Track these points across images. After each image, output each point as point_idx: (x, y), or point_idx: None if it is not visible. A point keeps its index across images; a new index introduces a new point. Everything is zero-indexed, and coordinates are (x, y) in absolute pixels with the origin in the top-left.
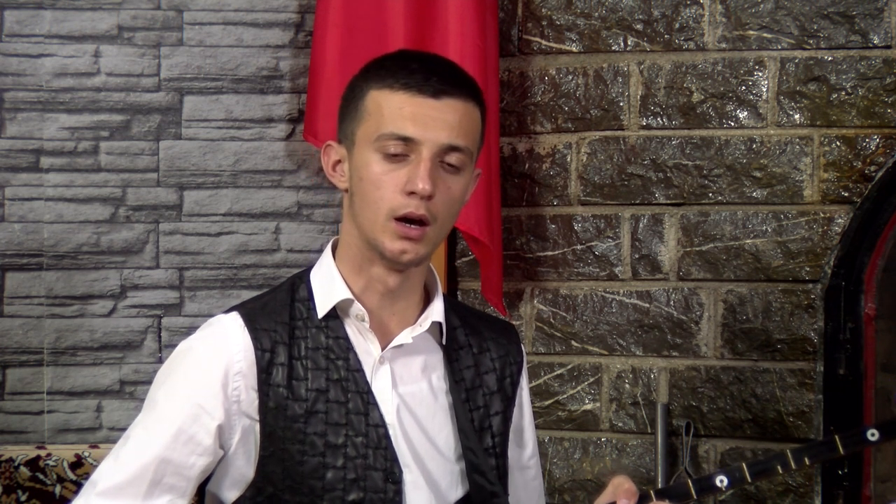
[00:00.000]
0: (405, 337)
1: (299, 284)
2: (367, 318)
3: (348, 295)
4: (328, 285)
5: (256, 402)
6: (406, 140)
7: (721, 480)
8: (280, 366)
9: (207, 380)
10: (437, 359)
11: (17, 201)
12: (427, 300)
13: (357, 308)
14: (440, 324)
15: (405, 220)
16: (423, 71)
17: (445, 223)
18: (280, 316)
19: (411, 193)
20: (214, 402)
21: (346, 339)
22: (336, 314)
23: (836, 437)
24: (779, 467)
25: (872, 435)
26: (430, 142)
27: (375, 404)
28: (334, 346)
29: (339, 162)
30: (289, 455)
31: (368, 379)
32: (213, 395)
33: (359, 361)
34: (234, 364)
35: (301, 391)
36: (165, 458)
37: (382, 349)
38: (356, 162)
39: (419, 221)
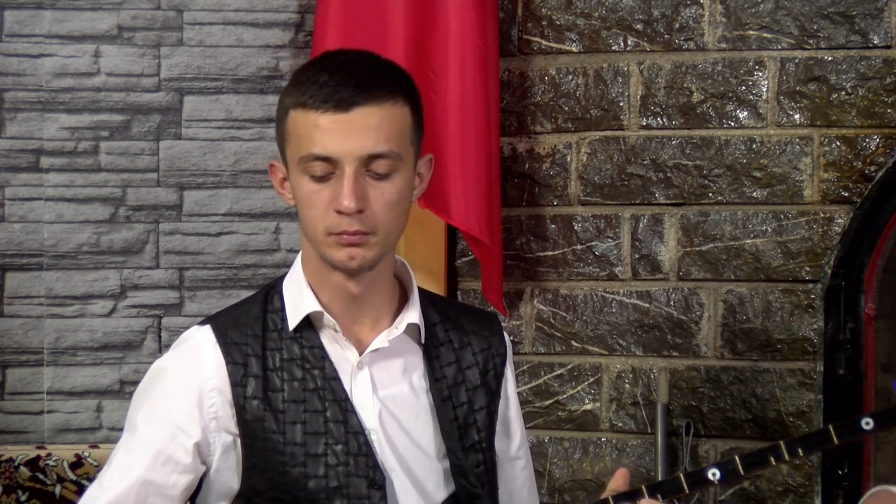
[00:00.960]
0: (381, 341)
1: (273, 294)
2: (338, 328)
3: (317, 307)
4: (298, 297)
5: (234, 417)
6: (325, 159)
7: (713, 473)
8: (254, 378)
9: (182, 399)
10: (417, 358)
11: (17, 201)
12: (403, 296)
13: (328, 319)
14: (418, 324)
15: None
16: (330, 84)
17: (390, 228)
18: (252, 328)
19: (340, 212)
20: (190, 420)
21: (321, 347)
22: (310, 324)
23: (831, 427)
24: (772, 459)
25: (867, 424)
26: (348, 157)
27: (354, 411)
28: (309, 356)
29: (284, 179)
30: (271, 466)
31: (347, 386)
32: (189, 414)
33: (335, 369)
34: (208, 381)
35: (278, 402)
36: (147, 480)
37: (360, 354)
38: (292, 182)
39: (356, 234)
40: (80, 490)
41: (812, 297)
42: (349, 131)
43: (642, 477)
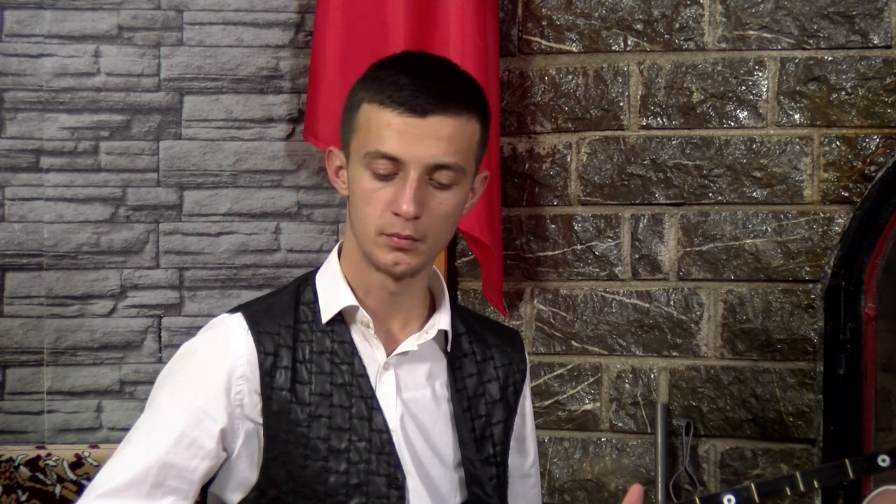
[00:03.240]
0: (411, 344)
1: (305, 287)
2: (371, 325)
3: (353, 301)
4: (333, 290)
5: (259, 406)
6: (392, 159)
7: (729, 500)
8: (283, 369)
9: (210, 383)
10: (440, 366)
11: (17, 201)
12: (432, 305)
13: (362, 314)
14: (445, 331)
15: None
16: (411, 87)
17: (440, 237)
18: (284, 319)
19: (397, 214)
20: (217, 405)
21: (352, 343)
22: (341, 318)
23: (847, 462)
24: (788, 489)
25: (883, 461)
26: (416, 162)
27: (379, 409)
28: (339, 351)
29: (340, 167)
30: (292, 458)
31: (373, 384)
32: (216, 399)
33: (363, 366)
34: (237, 368)
35: (304, 395)
36: (168, 462)
37: (387, 355)
38: (351, 174)
39: (407, 239)
40: (81, 490)
41: (812, 297)
42: (421, 137)
43: (642, 477)
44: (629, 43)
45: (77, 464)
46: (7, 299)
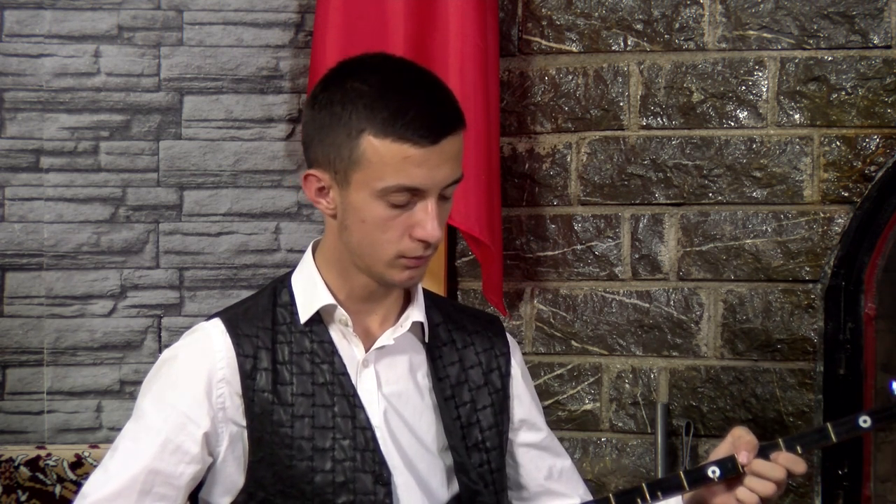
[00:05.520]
0: (387, 338)
1: (281, 289)
2: (350, 323)
3: (331, 300)
4: (310, 290)
5: (242, 408)
6: (412, 190)
7: (713, 471)
8: (264, 371)
9: (191, 388)
10: (421, 357)
11: (17, 201)
12: (408, 298)
13: (340, 313)
14: (422, 323)
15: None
16: (421, 116)
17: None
18: (262, 321)
19: (420, 239)
20: (199, 410)
21: (331, 342)
22: (319, 318)
23: (829, 425)
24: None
25: (864, 422)
26: (435, 187)
27: (361, 407)
28: (319, 350)
29: (323, 188)
30: (278, 460)
31: (354, 382)
32: (198, 404)
33: (343, 365)
34: (217, 371)
35: (286, 396)
36: (154, 469)
37: (366, 351)
38: (353, 202)
39: (423, 257)
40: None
41: (812, 297)
42: (438, 163)
43: (642, 477)
44: (629, 43)
45: (77, 464)
46: (7, 299)
